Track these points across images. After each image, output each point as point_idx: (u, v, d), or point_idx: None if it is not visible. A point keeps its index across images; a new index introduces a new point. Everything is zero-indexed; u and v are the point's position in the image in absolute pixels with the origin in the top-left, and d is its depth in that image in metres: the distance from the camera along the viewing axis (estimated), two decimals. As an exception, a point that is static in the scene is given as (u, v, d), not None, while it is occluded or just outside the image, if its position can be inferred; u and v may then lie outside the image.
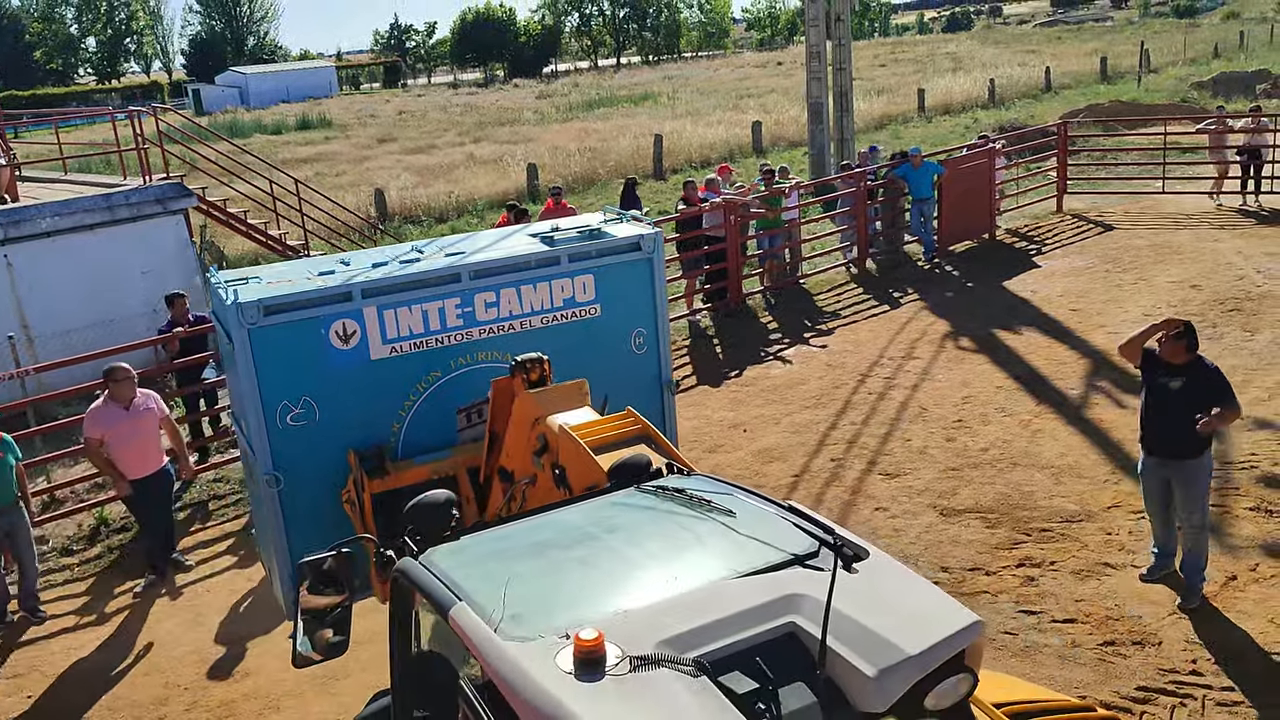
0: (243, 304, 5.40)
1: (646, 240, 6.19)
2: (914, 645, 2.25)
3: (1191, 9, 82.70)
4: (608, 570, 2.66)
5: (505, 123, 40.98)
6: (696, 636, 2.25)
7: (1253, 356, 10.84)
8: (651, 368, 6.36)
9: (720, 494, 2.95)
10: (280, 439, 5.59)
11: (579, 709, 2.09)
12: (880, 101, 35.00)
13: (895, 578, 2.54)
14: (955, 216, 16.29)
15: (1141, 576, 7.09)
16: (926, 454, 9.40)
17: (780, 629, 2.28)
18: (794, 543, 2.59)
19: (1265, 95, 29.62)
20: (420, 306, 5.72)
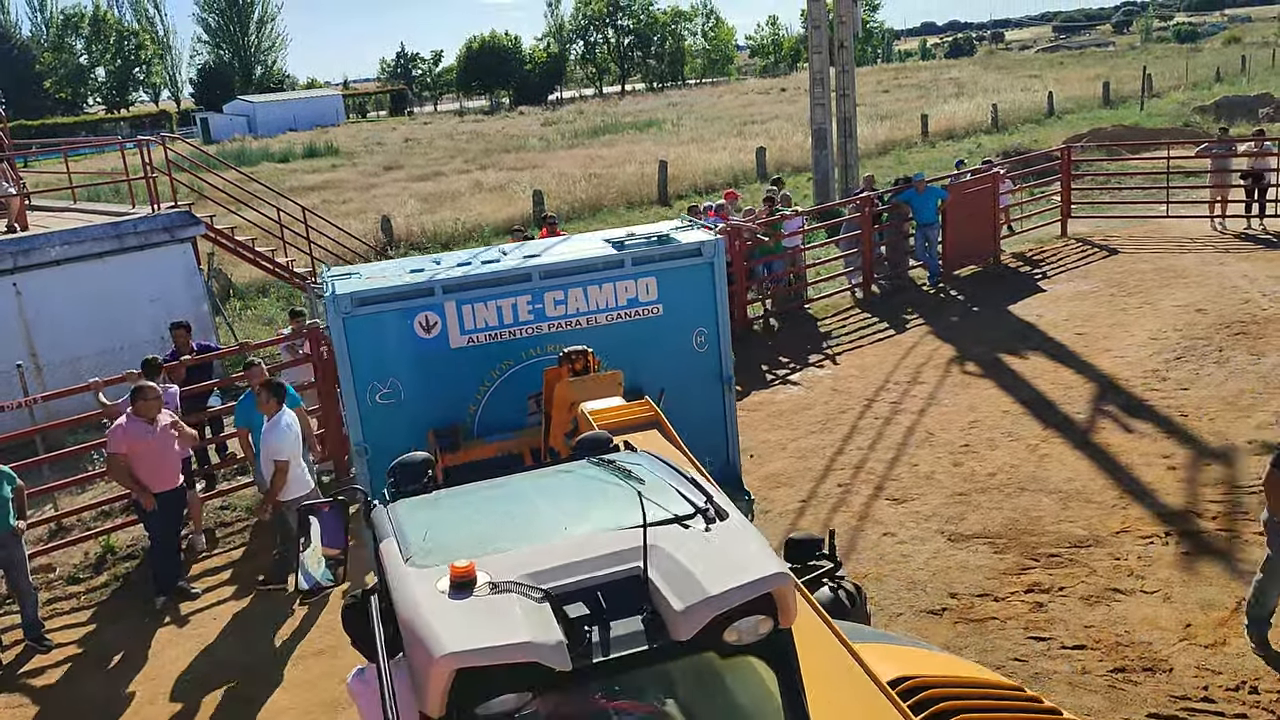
0: (338, 296, 6.14)
1: (708, 247, 6.59)
2: (717, 587, 2.64)
3: (1193, 34, 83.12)
4: (518, 520, 3.14)
5: (511, 149, 41.22)
6: (556, 573, 2.73)
7: (1260, 380, 10.82)
8: (713, 365, 6.75)
9: (647, 468, 3.36)
10: (369, 414, 6.29)
11: (433, 614, 2.63)
12: (884, 127, 35.14)
13: (738, 537, 2.90)
14: (959, 241, 16.31)
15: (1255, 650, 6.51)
16: (934, 479, 9.38)
17: (627, 572, 2.72)
18: (680, 506, 3.04)
19: (1268, 119, 29.70)
20: (495, 302, 6.33)
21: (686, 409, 6.51)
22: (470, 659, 2.49)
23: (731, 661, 2.81)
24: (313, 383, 10.58)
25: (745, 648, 2.70)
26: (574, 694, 2.71)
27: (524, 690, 2.54)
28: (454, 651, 2.50)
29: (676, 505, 3.01)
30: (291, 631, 7.94)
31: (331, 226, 19.10)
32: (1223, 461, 9.09)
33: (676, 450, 4.20)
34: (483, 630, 2.56)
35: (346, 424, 6.66)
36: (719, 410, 6.83)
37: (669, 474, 3.27)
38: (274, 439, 8.06)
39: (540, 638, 2.54)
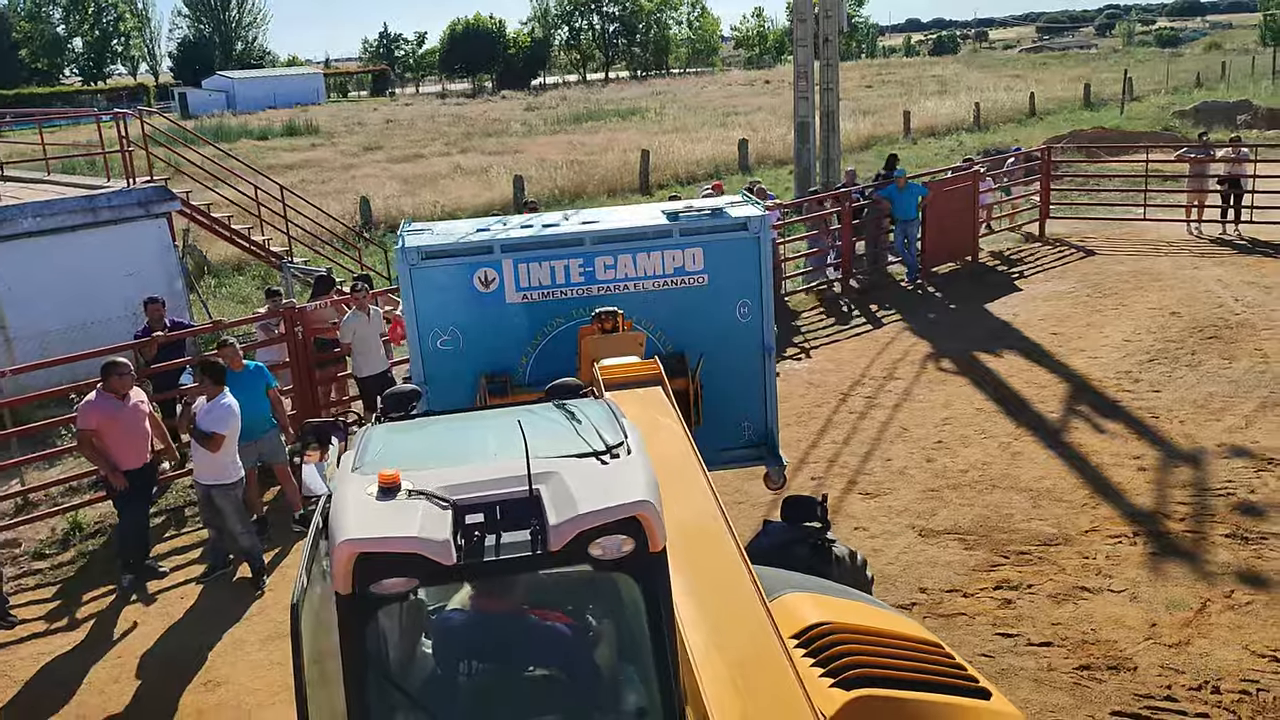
0: (407, 248, 6.66)
1: (754, 221, 6.88)
2: (586, 507, 3.00)
3: (1175, 39, 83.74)
4: (460, 445, 3.57)
5: (492, 134, 41.01)
6: (468, 487, 3.13)
7: (1230, 384, 10.93)
8: (755, 334, 7.04)
9: (590, 412, 3.72)
10: (430, 358, 6.79)
11: (353, 509, 3.09)
12: (867, 122, 35.20)
13: (628, 471, 3.23)
14: (939, 238, 16.38)
15: None
16: (906, 474, 9.43)
17: (525, 492, 3.09)
18: (596, 443, 3.40)
19: (1245, 126, 29.97)
20: (549, 263, 6.70)
21: (728, 377, 6.93)
22: (367, 545, 2.95)
23: (620, 583, 3.21)
24: (287, 363, 10.50)
25: (612, 564, 3.05)
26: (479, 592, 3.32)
27: (411, 577, 2.98)
28: (354, 538, 2.97)
29: (594, 442, 3.39)
30: (261, 611, 7.90)
31: (310, 206, 18.93)
32: (1192, 464, 9.19)
33: (666, 405, 4.41)
34: (384, 525, 3.01)
35: (409, 363, 7.30)
36: (759, 379, 7.12)
37: (605, 419, 3.63)
38: (214, 416, 7.95)
39: (429, 535, 2.97)
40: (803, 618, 4.00)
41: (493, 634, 3.40)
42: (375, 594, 3.00)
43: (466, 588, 3.40)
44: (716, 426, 6.91)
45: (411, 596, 3.10)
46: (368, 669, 3.08)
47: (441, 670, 3.44)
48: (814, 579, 4.78)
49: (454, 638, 3.45)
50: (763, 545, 5.95)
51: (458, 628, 3.47)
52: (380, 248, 19.76)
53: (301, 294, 14.68)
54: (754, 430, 7.27)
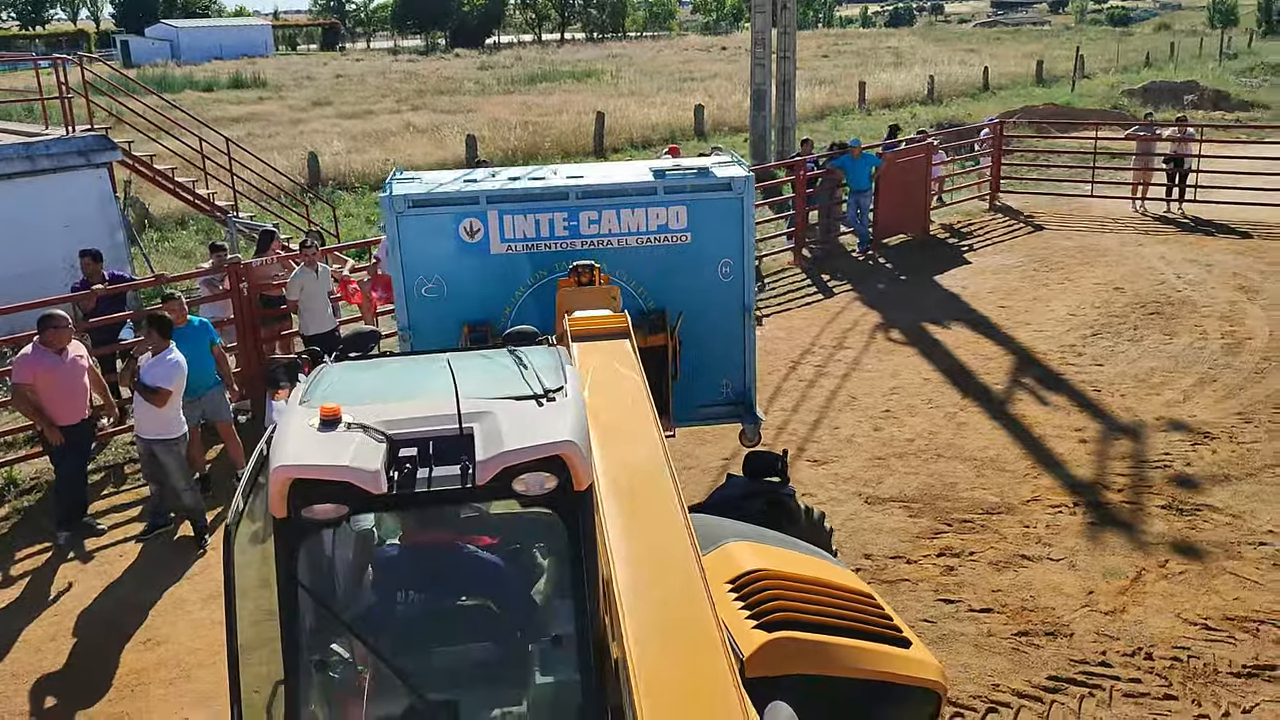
0: (395, 196, 6.74)
1: (738, 182, 6.94)
2: (511, 445, 3.15)
3: (1126, 18, 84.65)
4: (408, 384, 3.69)
5: (445, 92, 40.42)
6: (406, 423, 3.27)
7: (1171, 359, 11.16)
8: (736, 294, 7.12)
9: (538, 359, 3.86)
10: (415, 304, 6.88)
11: (292, 438, 3.25)
12: (822, 92, 35.22)
13: (558, 413, 3.36)
14: (891, 210, 16.47)
15: None
16: (854, 443, 9.51)
17: (457, 430, 3.23)
18: (535, 387, 3.53)
19: (1192, 106, 30.44)
20: (533, 216, 6.78)
21: (709, 334, 7.04)
22: (301, 471, 3.10)
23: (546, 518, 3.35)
24: (231, 319, 10.31)
25: (535, 499, 3.20)
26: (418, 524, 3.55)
27: (342, 504, 3.12)
28: (289, 464, 3.12)
29: (534, 386, 3.54)
30: (203, 570, 7.79)
31: (256, 160, 18.53)
32: (1131, 437, 9.38)
33: (630, 358, 4.52)
34: (320, 454, 3.15)
35: (395, 309, 7.41)
36: (739, 338, 7.21)
37: (550, 366, 3.78)
38: (161, 370, 7.80)
39: (361, 464, 3.11)
40: (740, 564, 4.20)
41: (425, 565, 3.59)
42: (308, 518, 3.14)
43: (411, 520, 3.60)
44: (697, 383, 7.05)
45: (345, 523, 3.25)
46: (300, 591, 3.21)
47: (375, 597, 3.60)
48: (762, 530, 4.92)
49: (389, 567, 3.65)
50: (722, 497, 6.17)
51: (393, 558, 3.68)
52: (328, 205, 19.42)
53: (247, 249, 14.40)
54: (733, 388, 7.39)
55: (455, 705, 3.29)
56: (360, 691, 3.40)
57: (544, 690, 3.42)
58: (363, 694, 3.40)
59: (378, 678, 3.38)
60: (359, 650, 3.40)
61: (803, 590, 4.15)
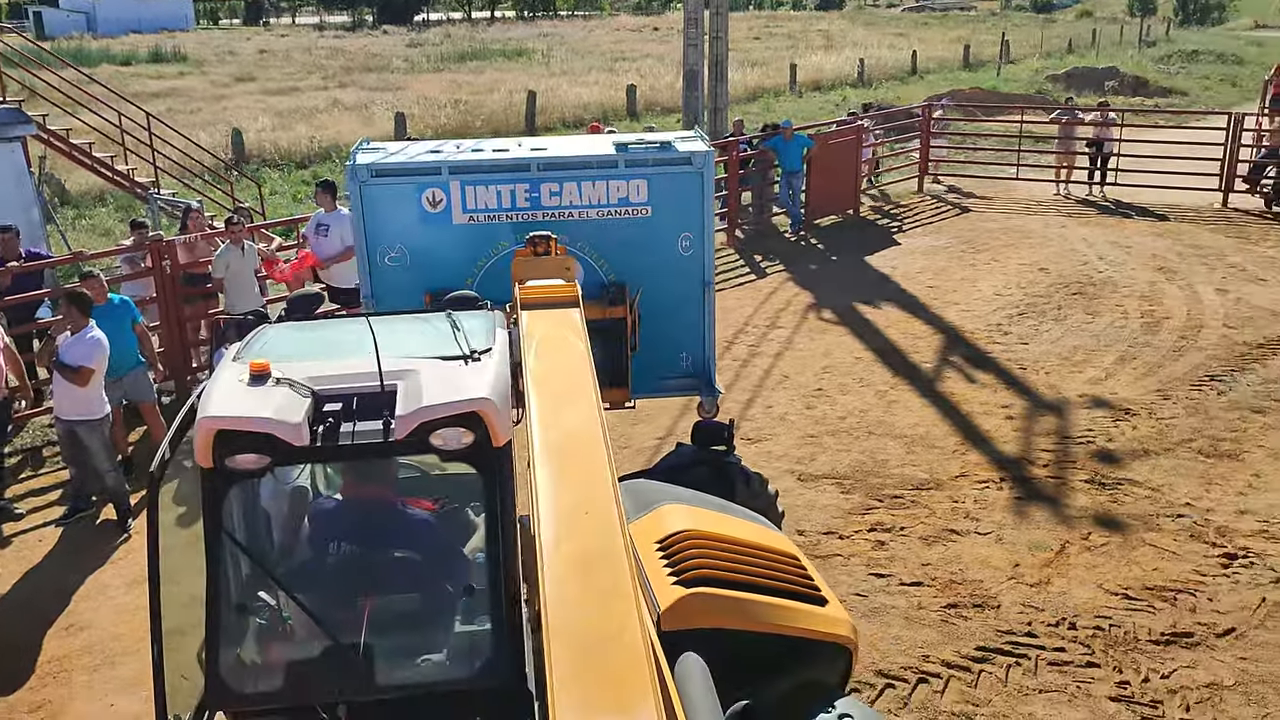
0: (358, 165, 6.78)
1: (698, 157, 7.00)
2: (429, 400, 3.29)
3: (1049, 5, 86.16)
4: (342, 344, 3.76)
5: (373, 69, 39.71)
6: (333, 379, 3.42)
7: (1093, 338, 11.44)
8: (696, 268, 7.19)
9: (471, 322, 4.00)
10: (378, 273, 6.95)
11: (219, 391, 3.39)
12: (754, 74, 35.32)
13: (479, 372, 3.51)
14: (822, 191, 16.61)
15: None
16: (787, 420, 9.60)
17: (381, 387, 3.36)
18: (464, 348, 3.68)
19: (1113, 91, 31.17)
20: (495, 187, 6.86)
21: (669, 307, 7.10)
22: (225, 423, 3.23)
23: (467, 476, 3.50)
24: (154, 298, 10.04)
25: (453, 454, 3.34)
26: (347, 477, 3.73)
27: (264, 454, 3.24)
28: (214, 415, 3.26)
29: (462, 347, 3.67)
30: (127, 554, 7.60)
31: (178, 136, 18.02)
32: (1056, 413, 9.60)
33: (578, 327, 4.60)
34: (244, 406, 3.27)
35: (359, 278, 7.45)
36: (699, 311, 7.29)
37: (481, 329, 3.93)
38: (82, 349, 7.58)
39: (284, 417, 3.23)
40: (669, 525, 4.37)
41: (351, 518, 3.73)
42: (231, 468, 3.26)
43: (342, 474, 3.80)
44: (656, 356, 7.13)
45: (272, 475, 3.41)
46: (225, 540, 3.32)
47: (301, 548, 3.76)
48: (703, 495, 5.05)
49: (317, 520, 3.79)
50: (670, 464, 6.39)
51: (322, 511, 3.84)
52: (253, 182, 18.99)
53: (169, 227, 14.03)
54: (693, 361, 7.47)
55: (371, 651, 3.41)
56: (280, 639, 3.51)
57: (461, 638, 3.55)
58: (282, 641, 3.50)
59: (298, 625, 3.48)
60: (281, 598, 3.49)
61: (726, 550, 4.30)
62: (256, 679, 3.45)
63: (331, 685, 3.37)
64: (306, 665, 3.44)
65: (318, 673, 3.41)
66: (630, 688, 2.48)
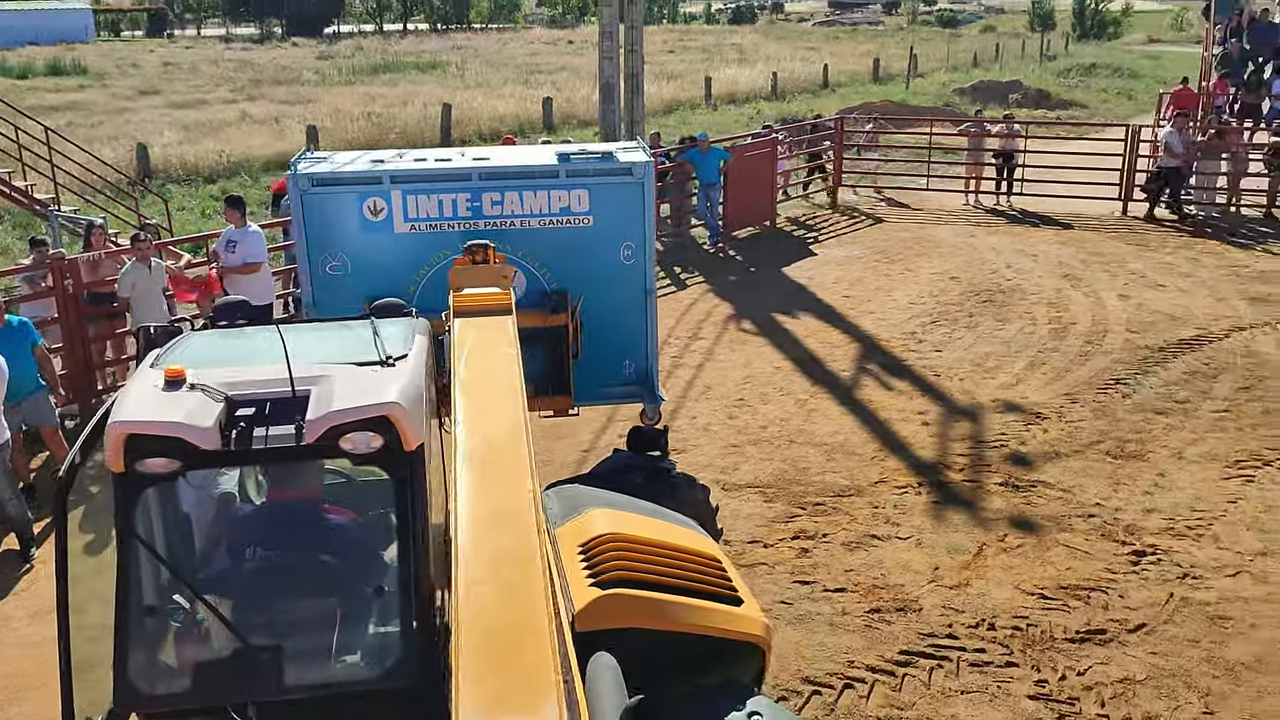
0: (299, 175, 6.79)
1: (639, 167, 7.11)
2: (339, 405, 3.33)
3: (954, 20, 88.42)
4: (261, 350, 3.77)
5: (283, 82, 39.04)
6: (247, 385, 3.45)
7: (1003, 344, 11.73)
8: (638, 277, 7.29)
9: (392, 329, 4.05)
10: (319, 282, 6.96)
11: (132, 396, 3.42)
12: (670, 87, 35.57)
13: (392, 377, 3.55)
14: (739, 203, 16.77)
15: None
16: (710, 431, 9.65)
17: (295, 392, 3.38)
18: (380, 354, 3.72)
19: (1017, 104, 32.10)
20: (436, 196, 6.90)
21: (612, 316, 7.18)
22: (135, 427, 3.25)
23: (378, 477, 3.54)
24: (55, 319, 9.69)
25: (364, 458, 3.38)
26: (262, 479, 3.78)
27: (174, 458, 3.26)
28: (124, 420, 3.27)
29: (379, 353, 3.73)
30: (30, 585, 7.30)
31: (80, 151, 17.47)
32: (970, 419, 9.81)
33: (510, 335, 4.67)
34: (156, 410, 3.30)
35: (300, 287, 7.50)
36: (641, 319, 7.38)
37: (400, 335, 3.97)
38: None
39: (195, 421, 3.26)
40: (593, 529, 4.44)
41: (269, 522, 3.77)
42: (142, 472, 3.28)
43: (261, 479, 3.85)
44: (599, 364, 7.19)
45: (183, 478, 3.41)
46: (135, 544, 3.33)
47: (215, 553, 3.78)
48: (635, 500, 5.14)
49: (234, 525, 3.83)
50: (605, 470, 6.50)
51: (240, 517, 3.87)
52: (160, 198, 18.48)
53: (71, 245, 13.58)
54: (636, 369, 7.54)
55: (281, 652, 3.45)
56: (190, 641, 3.53)
57: (371, 639, 3.60)
58: (192, 643, 3.52)
59: (208, 628, 3.50)
60: (191, 601, 3.50)
61: (646, 552, 4.38)
62: (165, 681, 3.46)
63: (241, 686, 3.38)
64: (216, 666, 3.46)
65: (227, 674, 3.43)
66: (535, 686, 2.56)
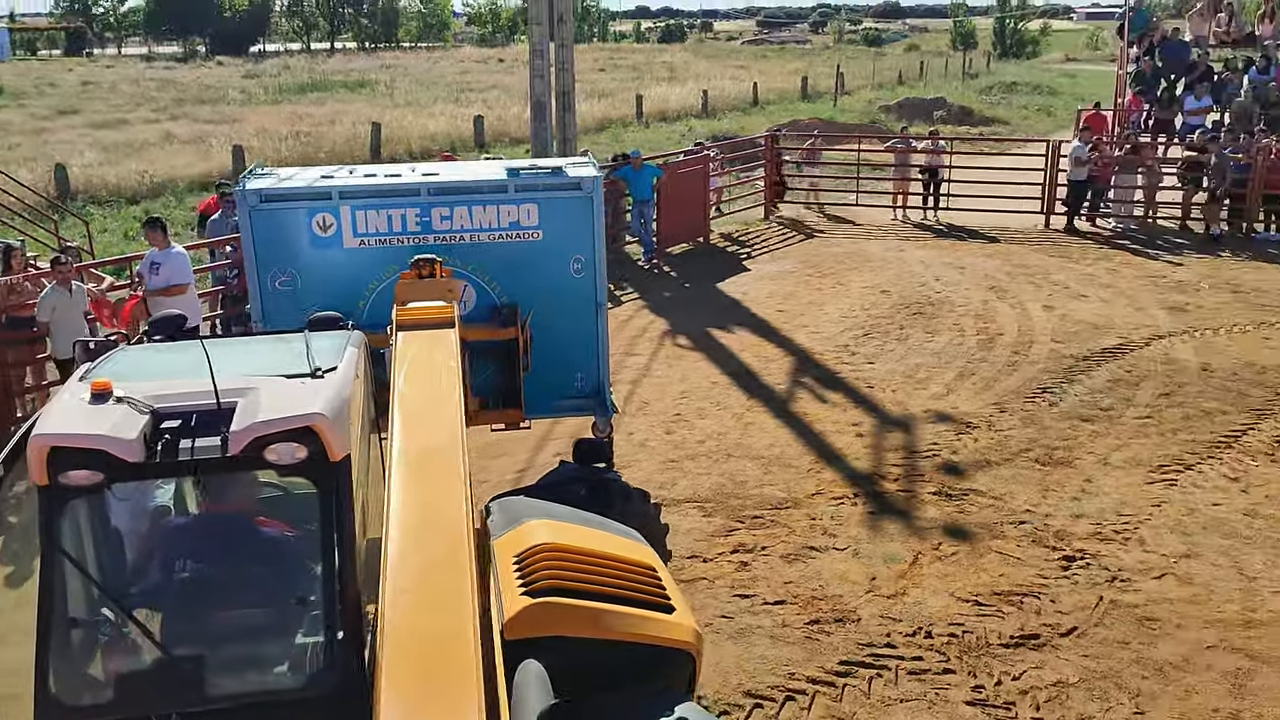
0: (247, 190, 6.83)
1: (587, 182, 7.15)
2: (263, 416, 3.37)
3: (879, 39, 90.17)
4: (192, 364, 3.74)
5: (207, 101, 38.44)
6: (174, 397, 3.50)
7: (934, 356, 11.93)
8: (588, 290, 7.33)
9: (327, 342, 4.12)
10: (268, 297, 6.98)
11: (57, 409, 3.48)
12: (601, 105, 35.71)
13: (319, 388, 3.62)
14: (673, 219, 16.87)
15: None
16: (647, 447, 9.65)
17: (222, 404, 3.44)
18: (309, 366, 3.78)
19: (941, 120, 32.79)
20: (385, 212, 6.92)
21: (563, 329, 7.24)
22: (57, 440, 3.27)
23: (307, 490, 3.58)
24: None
25: (288, 468, 3.42)
26: (193, 492, 3.81)
27: (98, 470, 3.27)
28: (47, 433, 3.29)
29: (309, 365, 3.78)
30: (-55, 624, 7.03)
31: (-5, 172, 16.99)
32: (903, 429, 9.95)
33: (451, 348, 4.72)
34: (79, 423, 3.32)
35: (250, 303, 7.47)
36: (592, 332, 7.43)
37: (332, 348, 4.05)
38: None
39: (118, 433, 3.28)
40: (529, 540, 4.47)
41: (198, 534, 3.84)
42: (65, 485, 3.29)
43: (192, 491, 3.88)
44: (551, 377, 7.24)
45: (106, 490, 3.43)
46: (58, 557, 3.35)
47: (138, 563, 3.80)
48: (575, 510, 5.21)
49: (162, 536, 3.85)
50: (550, 481, 6.55)
51: (166, 527, 3.89)
52: (80, 220, 18.03)
53: (-13, 269, 13.15)
54: (587, 382, 7.58)
55: (204, 663, 3.49)
56: (113, 653, 3.55)
57: (296, 648, 3.63)
58: (115, 655, 3.54)
59: (131, 639, 3.52)
60: (115, 613, 3.53)
61: (580, 562, 4.42)
62: (89, 693, 3.47)
63: (164, 697, 3.41)
64: (139, 678, 3.47)
65: (151, 685, 3.45)
66: (456, 694, 2.62)
